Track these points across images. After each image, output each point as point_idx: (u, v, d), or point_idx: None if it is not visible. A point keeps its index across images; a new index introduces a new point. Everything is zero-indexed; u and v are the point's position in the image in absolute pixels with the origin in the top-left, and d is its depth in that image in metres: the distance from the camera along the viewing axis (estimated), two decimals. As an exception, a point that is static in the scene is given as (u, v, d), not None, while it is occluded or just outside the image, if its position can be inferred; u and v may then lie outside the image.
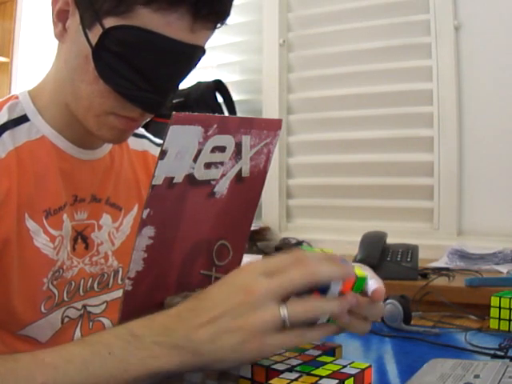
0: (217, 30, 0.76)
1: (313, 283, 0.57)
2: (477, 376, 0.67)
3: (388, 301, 1.05)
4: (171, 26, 0.70)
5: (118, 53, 0.72)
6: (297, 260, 0.57)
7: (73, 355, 0.56)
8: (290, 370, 0.62)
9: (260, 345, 0.55)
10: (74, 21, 0.74)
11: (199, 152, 0.60)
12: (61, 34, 0.76)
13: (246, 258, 0.76)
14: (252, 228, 0.75)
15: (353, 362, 0.64)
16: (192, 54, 0.75)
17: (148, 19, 0.69)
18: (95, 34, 0.72)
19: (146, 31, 0.70)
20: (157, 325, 0.57)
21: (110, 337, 0.57)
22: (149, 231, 0.60)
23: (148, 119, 0.81)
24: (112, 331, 0.58)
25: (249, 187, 0.69)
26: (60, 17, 0.75)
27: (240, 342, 0.55)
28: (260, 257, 1.91)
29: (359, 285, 0.60)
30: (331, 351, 0.71)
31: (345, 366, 0.63)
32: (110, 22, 0.70)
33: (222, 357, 0.56)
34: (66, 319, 0.82)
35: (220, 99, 2.29)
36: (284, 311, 0.55)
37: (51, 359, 0.56)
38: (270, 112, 2.31)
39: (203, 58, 0.77)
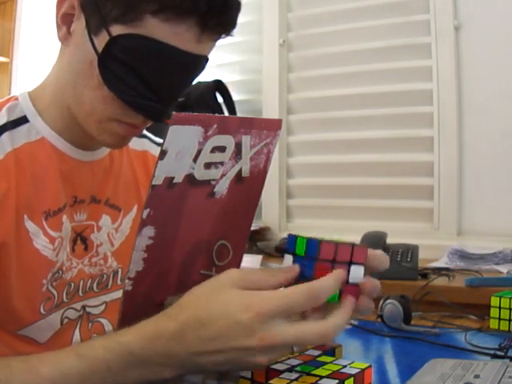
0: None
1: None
2: (477, 376, 0.67)
3: (388, 301, 1.05)
4: (179, 36, 0.70)
5: (124, 61, 0.71)
6: (312, 300, 0.55)
7: (69, 369, 0.56)
8: (290, 370, 0.62)
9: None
10: (80, 25, 0.74)
11: (199, 152, 0.60)
12: (65, 38, 0.76)
13: (246, 258, 0.76)
14: (252, 228, 0.75)
15: (353, 362, 0.64)
16: (197, 64, 0.75)
17: (156, 29, 0.69)
18: (101, 41, 0.71)
19: (153, 41, 0.70)
20: (158, 348, 0.56)
21: (106, 353, 0.56)
22: (149, 231, 0.60)
23: (149, 125, 0.81)
24: (105, 346, 0.57)
25: (249, 187, 0.69)
26: (65, 20, 0.75)
27: (246, 369, 0.57)
28: (260, 257, 1.91)
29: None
30: (331, 351, 0.71)
31: (345, 366, 0.63)
32: (117, 30, 0.70)
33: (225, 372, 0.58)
34: (66, 320, 0.82)
35: (220, 99, 2.29)
36: (295, 349, 0.55)
37: (47, 371, 0.56)
38: (270, 112, 2.31)
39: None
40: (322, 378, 0.59)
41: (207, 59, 0.76)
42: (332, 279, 0.56)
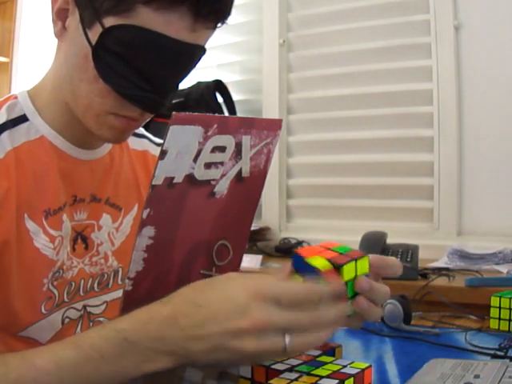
0: (217, 30, 0.76)
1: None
2: (477, 376, 0.67)
3: (388, 301, 1.05)
4: (172, 25, 0.70)
5: (118, 52, 0.71)
6: (309, 299, 0.55)
7: (64, 360, 0.56)
8: (290, 370, 0.62)
9: (256, 362, 0.58)
10: (74, 19, 0.74)
11: (199, 152, 0.60)
12: (60, 33, 0.76)
13: (246, 258, 0.76)
14: (252, 228, 0.75)
15: (353, 362, 0.64)
16: (192, 54, 0.75)
17: (148, 19, 0.69)
18: (95, 33, 0.71)
19: (146, 31, 0.69)
20: (151, 331, 0.56)
21: (101, 341, 0.57)
22: (149, 231, 0.60)
23: (148, 119, 0.80)
24: (101, 334, 0.57)
25: (249, 187, 0.69)
26: (60, 15, 0.75)
27: (236, 360, 0.56)
28: (260, 257, 1.91)
29: (363, 265, 0.61)
30: (331, 351, 0.71)
31: (345, 366, 0.63)
32: (109, 21, 0.70)
33: (216, 364, 0.57)
34: (67, 320, 0.82)
35: (220, 99, 2.29)
36: (287, 342, 0.54)
37: (42, 363, 0.56)
38: (270, 112, 2.31)
39: (203, 58, 0.77)
40: (322, 378, 0.59)
41: (204, 49, 0.76)
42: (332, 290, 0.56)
